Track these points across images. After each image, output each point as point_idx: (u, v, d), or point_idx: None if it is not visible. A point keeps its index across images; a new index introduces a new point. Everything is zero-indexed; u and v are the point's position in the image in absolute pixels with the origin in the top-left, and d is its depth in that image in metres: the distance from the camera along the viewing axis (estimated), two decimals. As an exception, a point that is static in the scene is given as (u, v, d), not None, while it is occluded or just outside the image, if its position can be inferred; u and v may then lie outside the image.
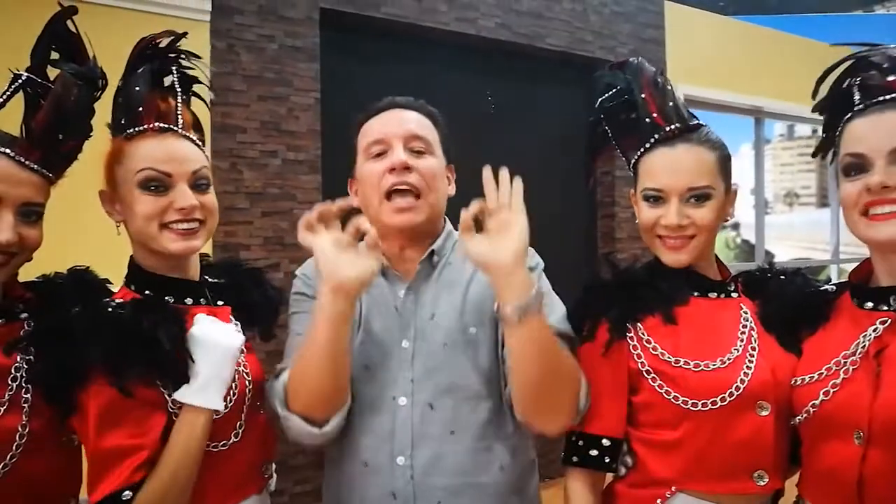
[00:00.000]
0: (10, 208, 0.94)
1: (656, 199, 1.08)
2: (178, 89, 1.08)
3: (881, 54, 1.00)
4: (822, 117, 1.08)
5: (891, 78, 0.97)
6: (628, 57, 1.23)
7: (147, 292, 1.03)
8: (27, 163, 0.96)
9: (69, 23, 1.01)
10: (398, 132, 1.11)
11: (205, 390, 0.96)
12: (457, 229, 1.16)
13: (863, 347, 0.96)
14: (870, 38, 1.05)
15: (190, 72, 1.12)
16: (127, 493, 0.91)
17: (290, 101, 2.87)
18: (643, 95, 1.12)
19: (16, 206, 0.95)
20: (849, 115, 1.00)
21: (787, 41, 4.84)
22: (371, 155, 1.11)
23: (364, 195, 1.13)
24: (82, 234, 1.63)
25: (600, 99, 1.17)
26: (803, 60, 1.14)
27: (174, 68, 1.09)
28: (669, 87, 1.14)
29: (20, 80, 0.98)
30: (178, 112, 1.06)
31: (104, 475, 0.92)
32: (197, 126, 1.11)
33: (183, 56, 1.10)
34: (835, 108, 1.04)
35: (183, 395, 0.95)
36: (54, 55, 1.02)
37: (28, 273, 1.06)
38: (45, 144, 0.97)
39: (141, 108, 1.02)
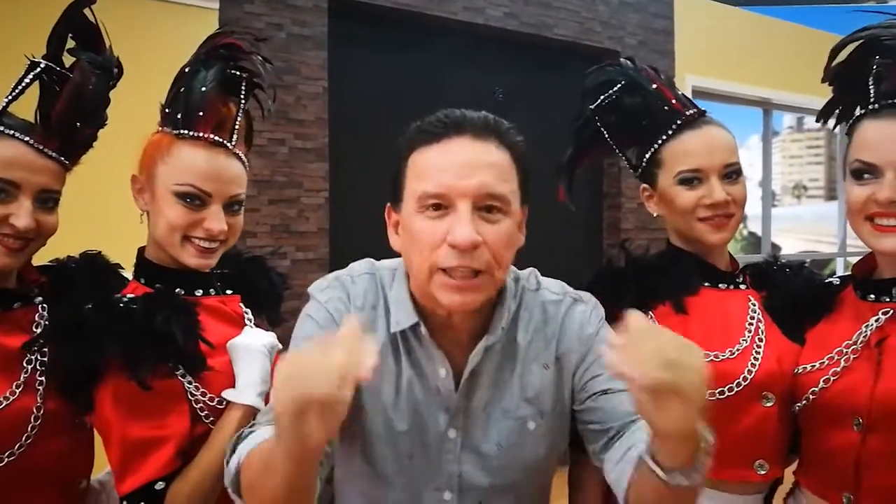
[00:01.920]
0: (28, 195, 0.95)
1: (693, 180, 1.08)
2: (243, 100, 1.07)
3: None
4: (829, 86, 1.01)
5: None
6: (636, 48, 1.26)
7: (158, 285, 1.03)
8: (46, 150, 0.97)
9: (86, 12, 1.02)
10: (467, 188, 0.81)
11: (245, 390, 0.98)
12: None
13: (864, 337, 0.98)
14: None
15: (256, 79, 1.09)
16: (160, 483, 0.92)
17: (297, 89, 2.87)
18: (655, 86, 1.13)
19: (34, 192, 0.96)
20: (863, 111, 0.96)
21: (797, 32, 4.80)
22: (426, 207, 0.83)
23: (407, 249, 0.87)
24: (91, 220, 1.65)
25: (602, 96, 1.17)
26: (814, 52, 1.14)
27: (244, 76, 1.07)
28: (670, 79, 1.17)
29: (38, 68, 0.99)
30: (236, 126, 1.05)
31: (132, 467, 0.93)
32: (249, 134, 1.12)
33: (255, 60, 1.07)
34: (846, 86, 1.00)
35: (228, 394, 0.98)
36: (70, 43, 1.02)
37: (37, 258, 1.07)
38: (64, 133, 0.98)
39: (201, 113, 1.00)
